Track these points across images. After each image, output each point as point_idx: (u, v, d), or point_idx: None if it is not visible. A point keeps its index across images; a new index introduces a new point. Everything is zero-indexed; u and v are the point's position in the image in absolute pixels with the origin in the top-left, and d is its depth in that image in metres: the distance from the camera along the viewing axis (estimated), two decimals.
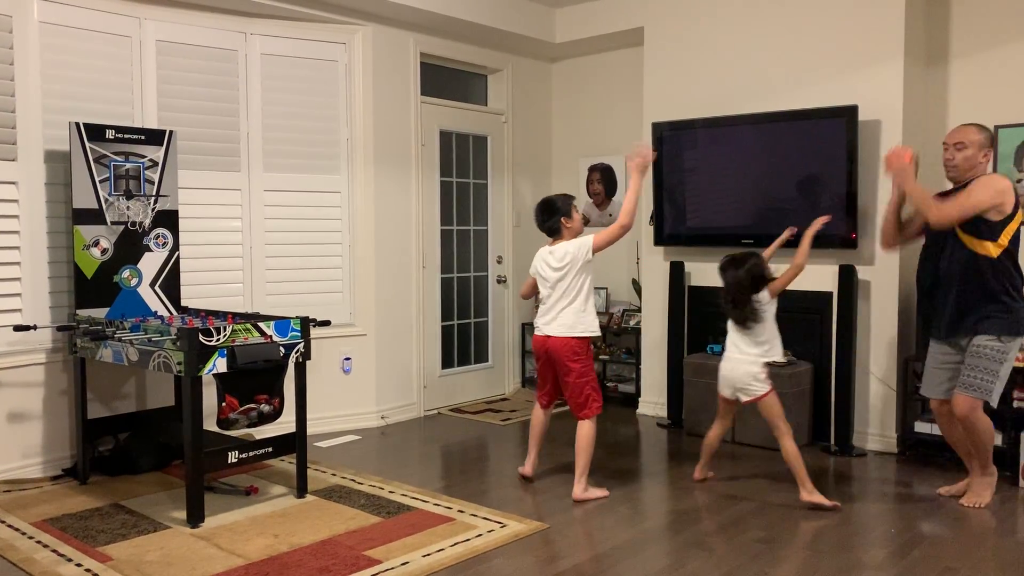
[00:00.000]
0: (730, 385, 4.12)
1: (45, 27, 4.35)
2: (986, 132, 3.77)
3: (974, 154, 3.73)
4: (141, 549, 3.36)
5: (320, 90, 5.40)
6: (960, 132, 3.78)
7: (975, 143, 3.72)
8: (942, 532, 3.59)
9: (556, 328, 4.04)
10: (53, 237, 4.38)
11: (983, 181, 3.69)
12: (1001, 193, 3.63)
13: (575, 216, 4.19)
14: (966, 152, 3.73)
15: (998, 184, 3.66)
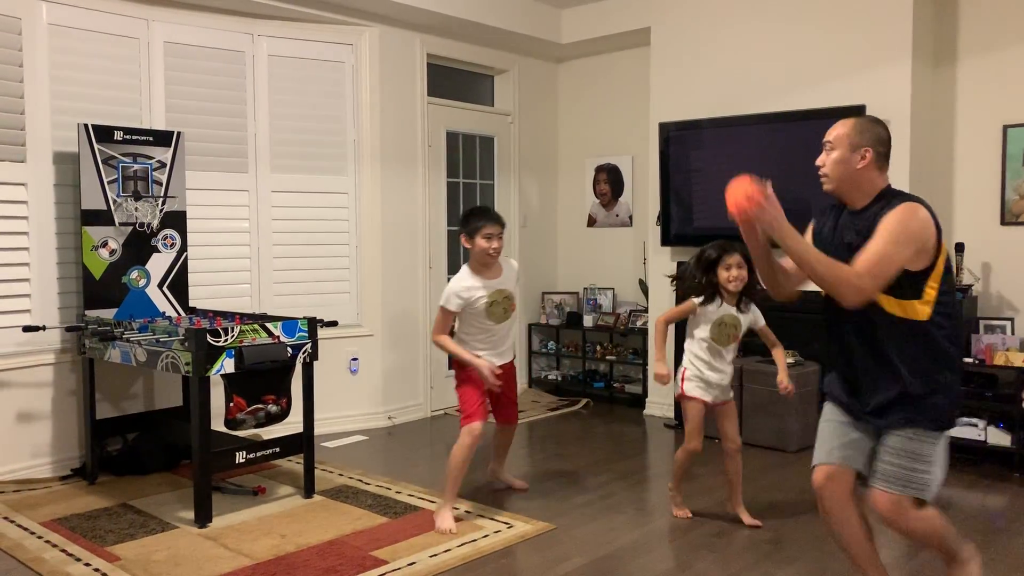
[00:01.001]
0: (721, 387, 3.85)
1: (54, 29, 4.37)
2: (865, 123, 2.65)
3: (846, 156, 2.62)
4: (149, 549, 3.37)
5: (327, 91, 5.41)
6: (832, 128, 2.71)
7: (843, 140, 2.63)
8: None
9: (510, 354, 4.04)
10: (62, 238, 4.40)
11: (892, 219, 2.46)
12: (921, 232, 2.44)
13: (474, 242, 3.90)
14: (834, 154, 2.65)
15: (913, 221, 2.45)
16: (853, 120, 2.68)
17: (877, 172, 2.64)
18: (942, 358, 2.50)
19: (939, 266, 2.48)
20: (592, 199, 6.69)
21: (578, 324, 6.47)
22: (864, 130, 2.64)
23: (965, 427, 4.58)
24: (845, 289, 2.44)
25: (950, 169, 5.02)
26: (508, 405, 4.08)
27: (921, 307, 2.47)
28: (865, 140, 2.62)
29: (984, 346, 4.55)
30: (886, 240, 2.44)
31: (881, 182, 2.66)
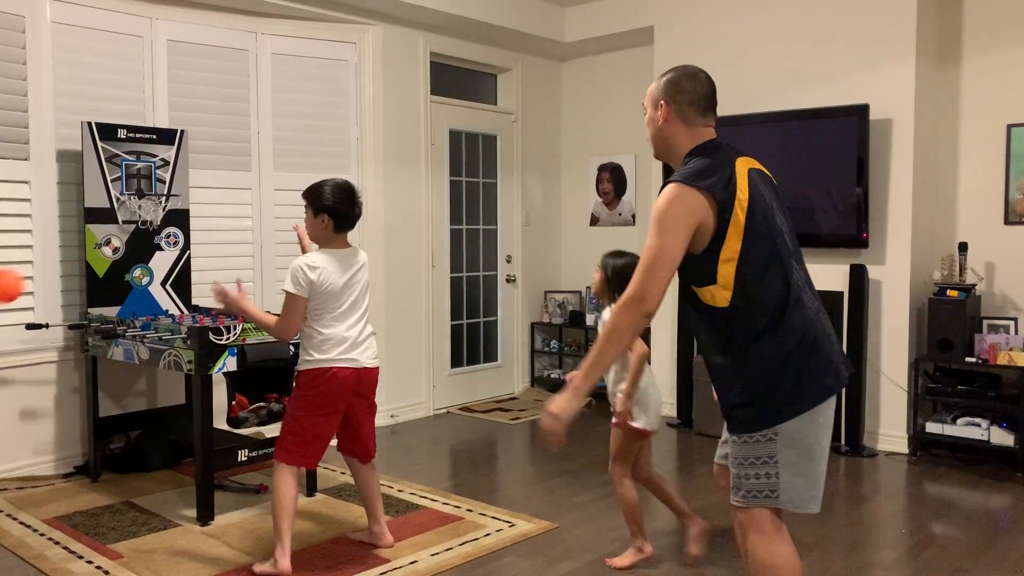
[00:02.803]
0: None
1: (57, 27, 4.37)
2: (664, 77, 2.36)
3: (651, 115, 2.36)
4: (151, 547, 3.38)
5: (330, 89, 5.41)
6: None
7: (648, 97, 2.38)
8: (953, 533, 3.57)
9: (371, 355, 3.20)
10: (65, 236, 4.40)
11: (655, 205, 2.17)
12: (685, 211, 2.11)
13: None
14: (647, 117, 2.39)
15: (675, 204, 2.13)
16: (656, 80, 2.39)
17: (682, 128, 2.31)
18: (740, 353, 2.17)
19: (731, 241, 2.13)
20: (595, 198, 6.69)
21: (580, 323, 6.47)
22: (663, 85, 2.34)
23: (965, 426, 4.57)
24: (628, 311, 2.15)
25: (954, 168, 5.01)
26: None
27: (719, 292, 2.17)
28: (662, 93, 2.33)
29: (987, 346, 4.54)
30: (651, 232, 2.15)
31: (688, 140, 2.31)
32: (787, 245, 2.23)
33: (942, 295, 4.68)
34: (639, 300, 2.14)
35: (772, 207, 2.25)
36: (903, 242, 4.78)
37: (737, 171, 2.22)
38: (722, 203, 2.13)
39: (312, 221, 3.19)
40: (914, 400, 4.79)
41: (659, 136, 2.37)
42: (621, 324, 2.16)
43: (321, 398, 3.07)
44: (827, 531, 3.60)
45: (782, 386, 2.15)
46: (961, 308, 4.59)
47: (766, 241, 2.17)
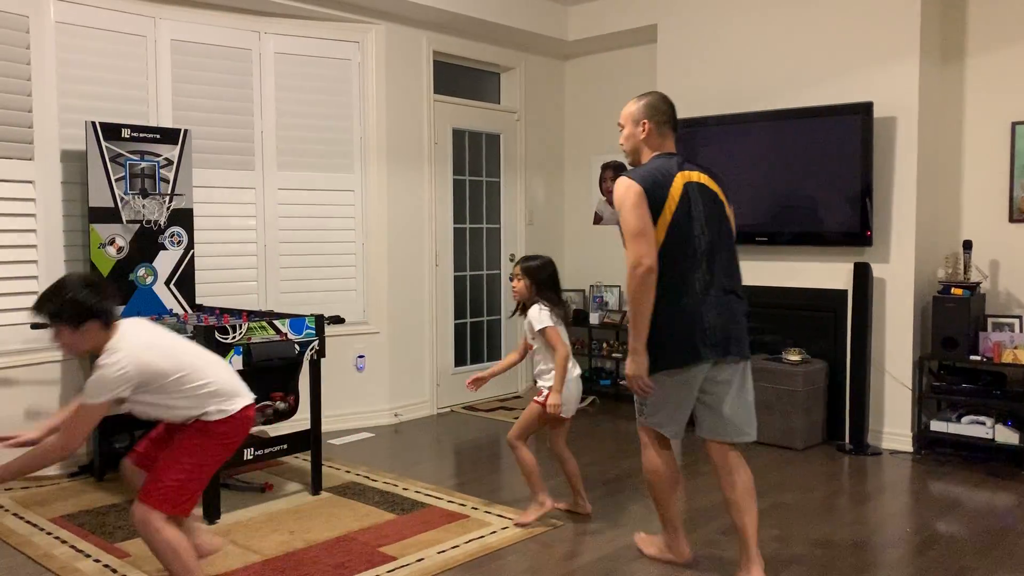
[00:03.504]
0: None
1: (61, 27, 4.38)
2: (643, 100, 3.10)
3: (631, 132, 3.10)
4: None
5: (333, 88, 5.42)
6: (622, 112, 3.17)
7: (629, 118, 3.11)
8: (958, 532, 3.57)
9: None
10: (69, 236, 4.41)
11: (615, 200, 3.00)
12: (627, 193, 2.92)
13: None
14: (624, 132, 3.14)
15: (619, 193, 2.96)
16: (635, 99, 3.14)
17: (655, 140, 3.09)
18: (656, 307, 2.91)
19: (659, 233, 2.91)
20: (598, 196, 6.69)
21: (584, 322, 6.47)
22: (643, 106, 3.10)
23: (970, 425, 4.57)
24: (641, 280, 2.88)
25: (958, 166, 5.00)
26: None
27: None
28: (643, 113, 3.09)
29: (992, 344, 4.54)
30: (622, 215, 2.95)
31: (654, 150, 3.10)
32: (702, 248, 2.96)
33: (946, 293, 4.67)
34: (636, 264, 2.86)
35: (699, 215, 2.96)
36: (907, 240, 4.78)
37: (674, 183, 2.95)
38: (653, 202, 2.89)
39: (74, 334, 2.55)
40: (918, 398, 4.79)
41: (636, 147, 3.11)
42: (636, 288, 2.87)
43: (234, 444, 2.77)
44: (831, 529, 3.60)
45: (661, 347, 2.94)
46: (965, 306, 4.59)
47: (682, 240, 2.92)
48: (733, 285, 3.05)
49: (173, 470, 2.63)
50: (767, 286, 5.29)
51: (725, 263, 3.03)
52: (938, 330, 4.67)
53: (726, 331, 2.96)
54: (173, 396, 2.61)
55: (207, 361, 2.74)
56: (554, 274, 3.70)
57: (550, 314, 3.56)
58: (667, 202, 2.90)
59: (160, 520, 2.59)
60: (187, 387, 2.61)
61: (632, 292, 2.87)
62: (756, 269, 5.35)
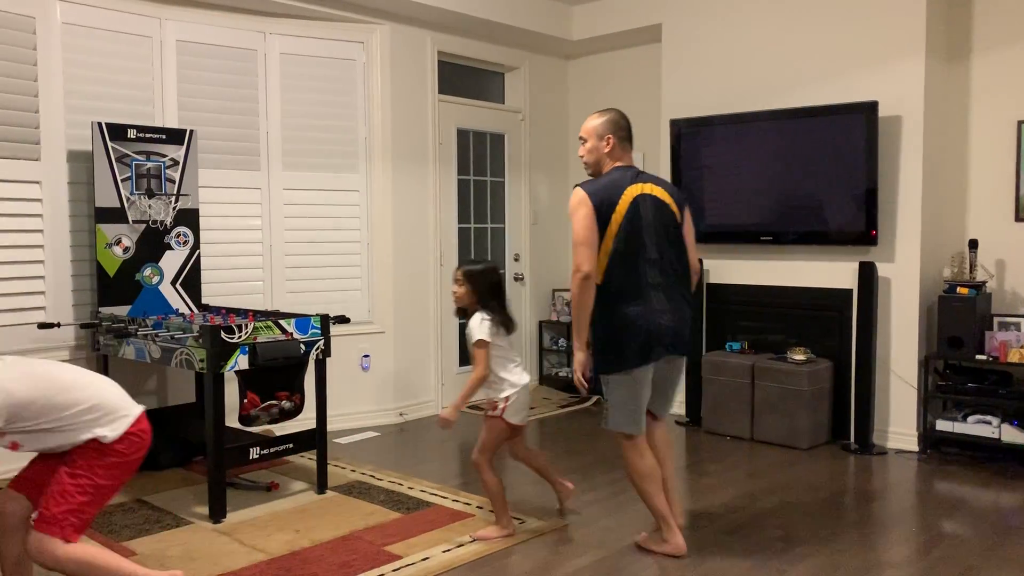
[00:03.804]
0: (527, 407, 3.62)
1: (67, 28, 4.40)
2: (606, 116, 3.36)
3: (595, 145, 3.33)
4: (164, 544, 3.39)
5: (338, 89, 5.43)
6: (583, 126, 3.40)
7: (592, 132, 3.34)
8: (964, 531, 3.57)
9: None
10: (76, 236, 4.43)
11: (569, 205, 3.25)
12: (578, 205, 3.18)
13: None
14: (588, 145, 3.35)
15: (572, 204, 3.22)
16: (597, 114, 3.39)
17: (617, 153, 3.33)
18: (599, 315, 3.19)
19: (607, 242, 3.17)
20: None
21: None
22: (606, 121, 3.35)
23: (976, 424, 4.56)
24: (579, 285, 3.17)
25: (964, 165, 4.99)
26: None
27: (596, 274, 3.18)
28: (607, 129, 3.33)
29: (998, 343, 4.53)
30: (573, 224, 3.20)
31: (613, 163, 3.34)
32: (653, 255, 3.21)
33: (952, 292, 4.67)
34: (576, 270, 3.15)
35: (648, 225, 3.21)
36: (913, 239, 4.77)
37: (624, 195, 3.19)
38: (601, 213, 3.15)
39: None
40: (924, 398, 4.78)
41: (599, 160, 3.34)
42: (576, 292, 3.17)
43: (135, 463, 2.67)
44: (837, 529, 3.60)
45: (621, 349, 3.18)
46: (971, 305, 4.58)
47: (633, 248, 3.17)
48: (683, 290, 3.32)
49: (71, 494, 2.50)
50: (772, 285, 5.29)
51: (677, 269, 3.29)
52: (944, 329, 4.67)
53: (677, 333, 3.26)
54: (53, 423, 2.48)
55: (86, 383, 2.59)
56: (498, 282, 3.53)
57: (490, 326, 3.40)
58: (614, 214, 3.17)
59: (60, 546, 2.47)
60: (66, 414, 2.49)
61: (574, 296, 3.19)
62: (761, 268, 5.35)
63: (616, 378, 3.23)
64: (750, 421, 5.06)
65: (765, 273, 5.32)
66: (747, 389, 5.05)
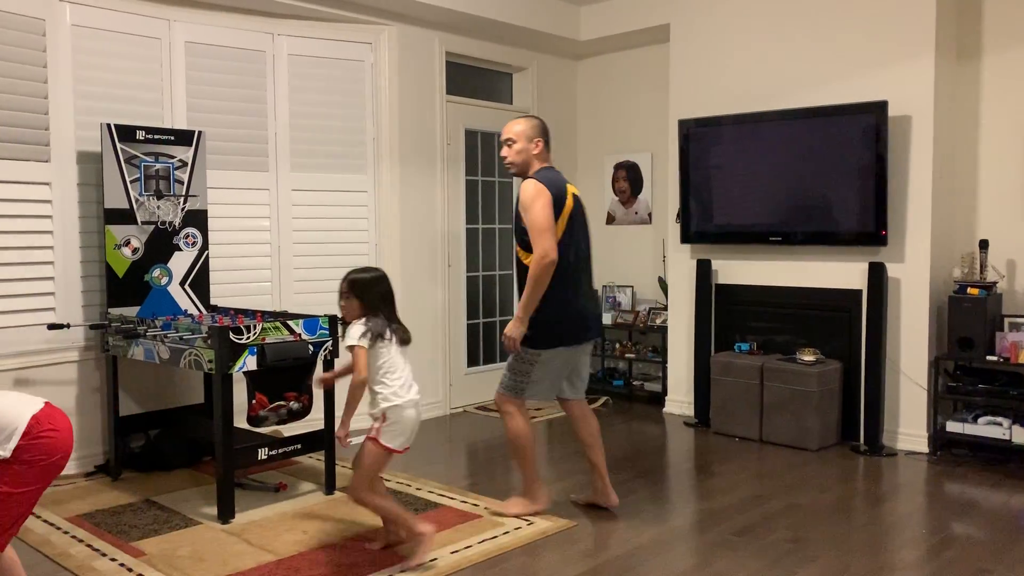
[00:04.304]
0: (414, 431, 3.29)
1: (77, 30, 4.41)
2: (533, 121, 3.68)
3: (524, 147, 3.63)
4: (173, 544, 3.40)
5: (346, 90, 5.43)
6: (507, 128, 3.67)
7: (522, 135, 3.62)
8: (975, 533, 3.55)
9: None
10: (85, 237, 4.44)
11: (523, 198, 3.51)
12: (537, 194, 3.47)
13: None
14: (517, 146, 3.63)
15: (531, 193, 3.48)
16: (524, 118, 3.69)
17: (543, 155, 3.67)
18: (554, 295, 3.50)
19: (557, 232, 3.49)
20: (611, 196, 6.68)
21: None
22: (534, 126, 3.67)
23: (989, 426, 4.54)
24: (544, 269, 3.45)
25: (974, 165, 4.97)
26: None
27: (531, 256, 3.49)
28: (535, 132, 3.65)
29: (1009, 344, 4.50)
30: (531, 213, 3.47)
31: (540, 164, 3.66)
32: (583, 251, 3.65)
33: (962, 293, 4.64)
34: (544, 255, 3.42)
35: (579, 224, 3.63)
36: (922, 239, 4.75)
37: (567, 193, 3.59)
38: (556, 205, 3.48)
39: None
40: (934, 399, 4.76)
41: (526, 161, 3.64)
42: (540, 275, 3.44)
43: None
44: (846, 531, 3.58)
45: (557, 329, 3.55)
46: (982, 306, 4.55)
47: (572, 242, 3.57)
48: (592, 283, 3.81)
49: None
50: (781, 286, 5.28)
51: (590, 263, 3.75)
52: (954, 330, 4.64)
53: (597, 319, 3.78)
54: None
55: None
56: (388, 292, 3.26)
57: (364, 331, 3.10)
58: (564, 209, 3.54)
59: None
60: None
61: (536, 278, 3.44)
62: (770, 269, 5.34)
63: (548, 354, 3.58)
64: (759, 422, 5.04)
65: (774, 274, 5.30)
66: (756, 390, 5.04)
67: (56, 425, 2.47)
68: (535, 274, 3.44)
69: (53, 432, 2.44)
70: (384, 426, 3.14)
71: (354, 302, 3.19)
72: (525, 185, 3.54)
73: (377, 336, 3.12)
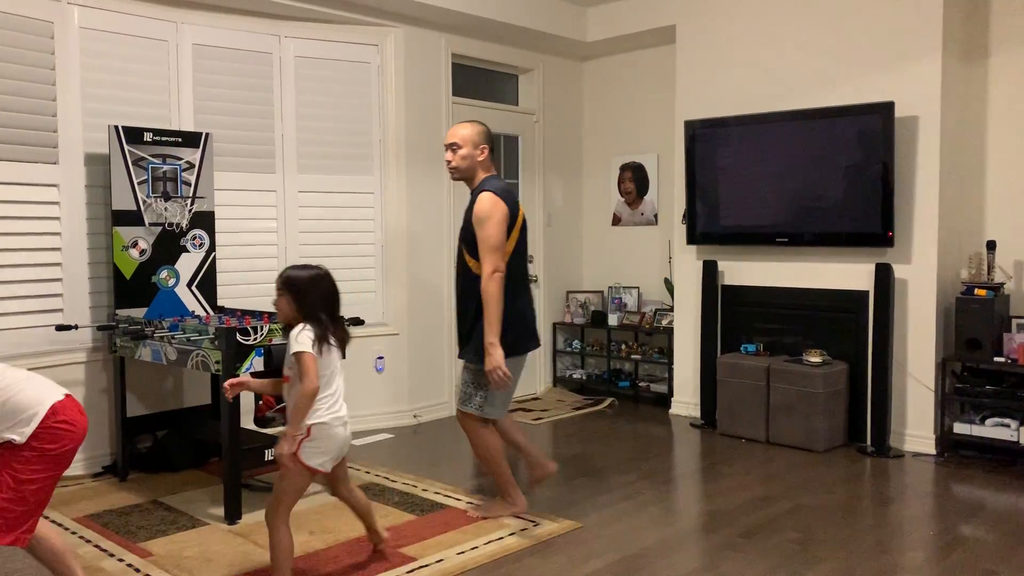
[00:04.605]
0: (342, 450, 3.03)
1: (85, 33, 4.43)
2: (480, 127, 3.66)
3: (470, 152, 3.61)
4: (180, 545, 3.41)
5: (353, 92, 5.44)
6: (452, 132, 3.66)
7: (468, 140, 3.61)
8: (982, 535, 3.54)
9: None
10: (93, 238, 4.46)
11: (479, 211, 3.48)
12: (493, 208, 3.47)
13: None
14: (462, 151, 3.61)
15: (487, 207, 3.46)
16: (469, 123, 3.66)
17: (487, 162, 3.64)
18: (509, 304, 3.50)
19: (510, 243, 3.52)
20: (617, 198, 6.68)
21: (603, 323, 6.46)
22: (480, 132, 3.64)
23: (997, 428, 4.52)
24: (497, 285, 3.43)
25: (981, 166, 4.95)
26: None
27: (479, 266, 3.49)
28: (481, 139, 3.62)
29: (1016, 345, 4.48)
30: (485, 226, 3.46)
31: (485, 172, 3.64)
32: (527, 260, 3.70)
33: (970, 294, 4.63)
34: (495, 271, 3.42)
35: (525, 231, 3.64)
36: (930, 240, 4.74)
37: (517, 200, 3.63)
38: (511, 216, 3.50)
39: None
40: (941, 400, 4.74)
41: (472, 167, 3.61)
42: (495, 292, 3.41)
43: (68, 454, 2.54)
44: (853, 532, 3.57)
45: (507, 338, 3.47)
46: (989, 307, 4.54)
47: (522, 252, 3.61)
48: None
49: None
50: (788, 287, 5.27)
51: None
52: (961, 331, 4.63)
53: (536, 328, 3.77)
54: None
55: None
56: (331, 292, 3.01)
57: (311, 338, 2.84)
58: (517, 220, 3.57)
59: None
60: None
61: (491, 296, 3.42)
62: (777, 270, 5.33)
63: (508, 363, 3.51)
64: (765, 423, 5.03)
65: (780, 275, 5.29)
66: (763, 391, 5.03)
67: (71, 419, 2.50)
68: (493, 292, 3.42)
69: (67, 425, 2.48)
70: (307, 442, 2.82)
71: (285, 299, 2.91)
72: (482, 198, 3.50)
73: (323, 342, 2.87)
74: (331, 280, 3.01)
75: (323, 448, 2.87)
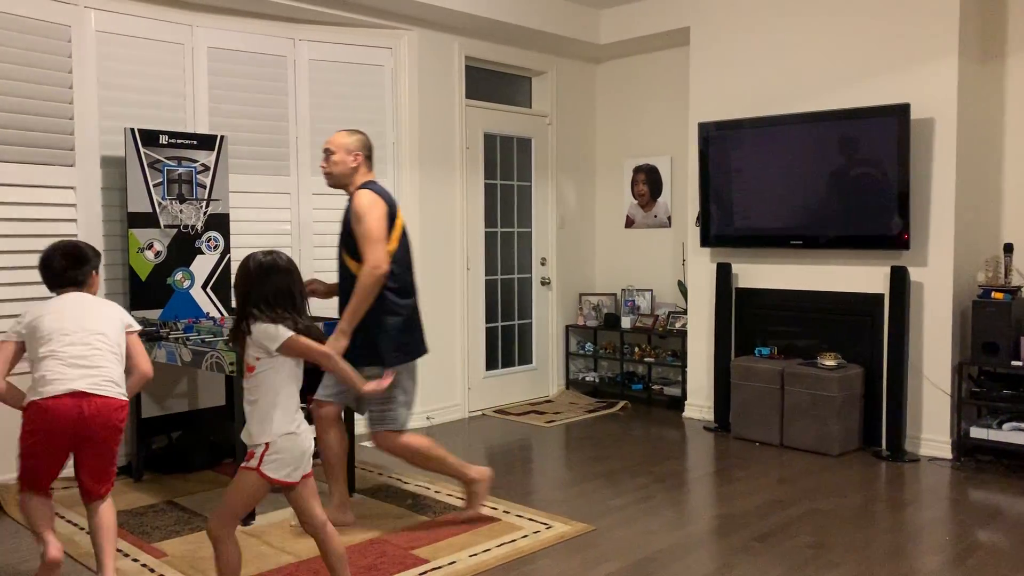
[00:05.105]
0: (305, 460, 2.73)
1: (101, 36, 4.47)
2: (357, 136, 3.67)
3: (343, 159, 3.61)
4: (195, 546, 3.43)
5: (366, 94, 5.46)
6: (330, 139, 3.67)
7: (342, 147, 3.62)
8: (999, 541, 3.51)
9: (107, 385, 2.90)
10: (109, 240, 4.49)
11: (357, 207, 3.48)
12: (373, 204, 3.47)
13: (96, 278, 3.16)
14: (335, 157, 3.62)
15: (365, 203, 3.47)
16: (346, 132, 3.69)
17: (363, 170, 3.66)
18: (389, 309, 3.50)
19: (391, 243, 3.51)
20: (630, 200, 6.67)
21: (616, 326, 6.45)
22: (357, 140, 3.67)
23: (1011, 432, 4.48)
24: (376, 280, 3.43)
25: (998, 167, 4.92)
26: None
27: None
28: (356, 146, 3.64)
29: None
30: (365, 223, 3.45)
31: (361, 178, 3.64)
32: (412, 260, 3.69)
33: (987, 297, 4.59)
34: (377, 266, 3.41)
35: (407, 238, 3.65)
36: (946, 243, 4.70)
37: (397, 206, 3.64)
38: (390, 218, 3.52)
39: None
40: (958, 404, 4.71)
41: (345, 173, 3.63)
42: (372, 286, 3.42)
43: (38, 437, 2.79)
44: (868, 537, 3.55)
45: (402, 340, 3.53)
46: (1006, 310, 4.50)
47: (406, 251, 3.62)
48: None
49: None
50: (802, 290, 5.24)
51: None
52: (978, 335, 4.59)
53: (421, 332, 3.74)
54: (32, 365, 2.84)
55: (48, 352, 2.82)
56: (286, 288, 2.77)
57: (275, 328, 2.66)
58: (396, 220, 3.59)
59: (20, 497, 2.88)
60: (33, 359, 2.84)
61: (368, 289, 3.41)
62: (791, 272, 5.30)
63: (408, 367, 3.55)
64: (780, 427, 5.01)
65: (795, 277, 5.27)
66: (777, 395, 5.00)
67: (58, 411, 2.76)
68: (366, 285, 3.40)
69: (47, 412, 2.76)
70: (269, 455, 2.61)
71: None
72: (359, 195, 3.51)
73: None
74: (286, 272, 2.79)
75: (287, 459, 2.63)
